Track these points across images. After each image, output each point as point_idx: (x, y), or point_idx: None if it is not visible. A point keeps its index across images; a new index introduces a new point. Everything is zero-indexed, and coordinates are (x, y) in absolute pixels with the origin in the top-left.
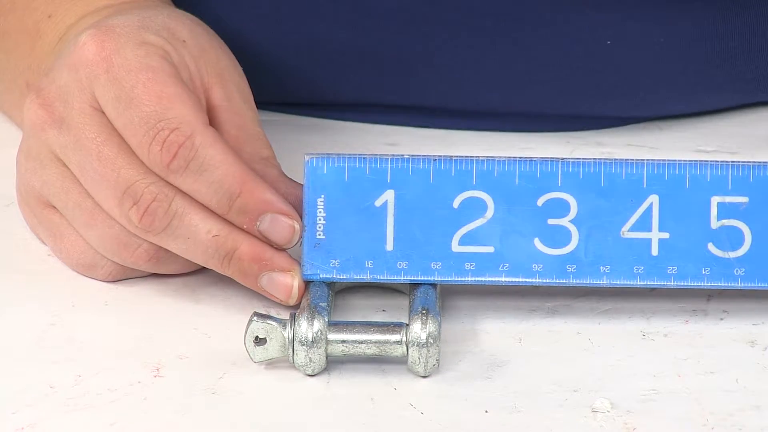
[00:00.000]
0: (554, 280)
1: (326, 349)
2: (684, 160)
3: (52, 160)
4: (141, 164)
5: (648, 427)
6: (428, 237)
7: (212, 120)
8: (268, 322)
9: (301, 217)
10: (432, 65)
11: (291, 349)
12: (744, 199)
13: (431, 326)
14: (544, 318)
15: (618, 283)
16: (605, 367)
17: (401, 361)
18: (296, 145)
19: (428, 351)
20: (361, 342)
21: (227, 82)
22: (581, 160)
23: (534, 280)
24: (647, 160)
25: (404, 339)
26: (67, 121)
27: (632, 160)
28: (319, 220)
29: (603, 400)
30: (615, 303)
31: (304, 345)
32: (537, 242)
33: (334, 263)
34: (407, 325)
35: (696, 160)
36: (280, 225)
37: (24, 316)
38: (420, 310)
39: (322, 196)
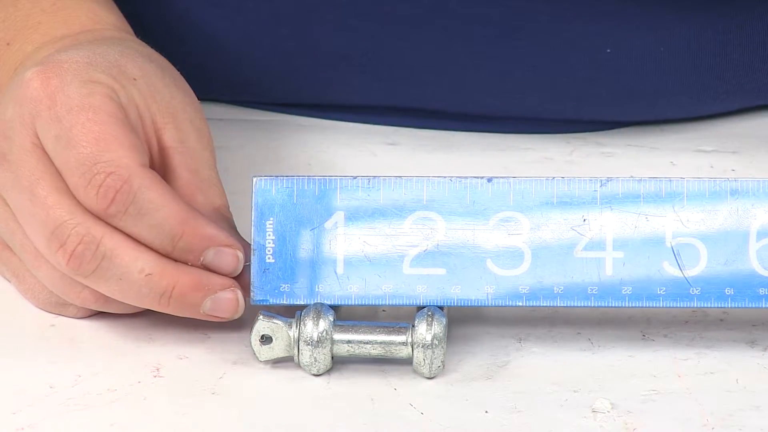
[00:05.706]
0: (506, 303)
1: (331, 349)
2: (638, 178)
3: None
4: (72, 204)
5: (648, 427)
6: (379, 259)
7: (164, 162)
8: (274, 321)
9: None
10: (433, 70)
11: (296, 349)
12: (701, 217)
13: (436, 328)
14: (544, 318)
15: (572, 304)
16: (605, 367)
17: (406, 362)
18: (297, 145)
19: (433, 352)
20: (367, 342)
21: (181, 121)
22: (532, 178)
23: (486, 302)
24: (600, 177)
25: (409, 340)
26: (8, 157)
27: (583, 177)
28: (269, 243)
29: (603, 400)
30: None
31: (309, 345)
32: (489, 263)
33: (285, 287)
34: (413, 326)
35: (652, 177)
36: (225, 257)
37: (24, 316)
38: (426, 311)
39: (271, 218)
